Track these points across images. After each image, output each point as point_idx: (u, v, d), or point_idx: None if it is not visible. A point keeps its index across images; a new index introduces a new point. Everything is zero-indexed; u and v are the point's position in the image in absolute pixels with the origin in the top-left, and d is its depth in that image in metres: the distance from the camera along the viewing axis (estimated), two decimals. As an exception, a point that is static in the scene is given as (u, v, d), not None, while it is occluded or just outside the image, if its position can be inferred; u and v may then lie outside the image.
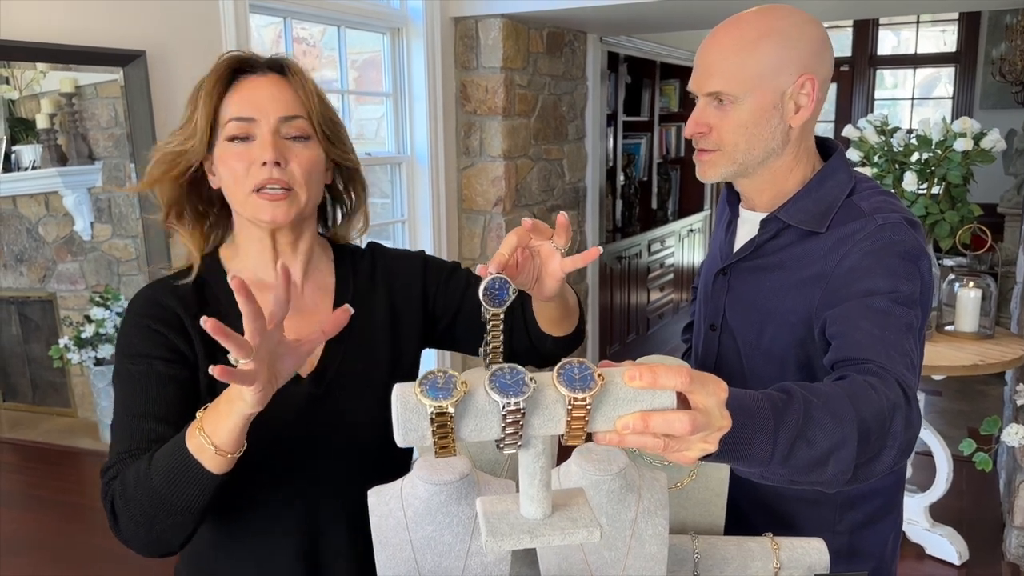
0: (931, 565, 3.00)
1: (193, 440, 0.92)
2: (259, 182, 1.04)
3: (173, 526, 0.96)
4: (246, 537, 1.11)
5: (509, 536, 0.76)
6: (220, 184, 1.09)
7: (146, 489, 0.95)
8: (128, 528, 0.98)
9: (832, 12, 4.72)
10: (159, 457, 0.95)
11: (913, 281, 1.09)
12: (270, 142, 1.04)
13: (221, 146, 1.06)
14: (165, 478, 0.93)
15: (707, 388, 0.72)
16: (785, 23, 1.17)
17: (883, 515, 1.29)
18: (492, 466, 1.12)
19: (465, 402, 0.71)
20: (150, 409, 1.02)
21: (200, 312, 1.07)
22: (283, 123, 1.06)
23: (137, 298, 1.11)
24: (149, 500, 0.94)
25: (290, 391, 1.05)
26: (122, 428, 1.03)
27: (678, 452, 0.74)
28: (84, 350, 2.19)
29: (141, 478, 0.95)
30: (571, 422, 0.71)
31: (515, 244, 0.89)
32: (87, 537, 2.26)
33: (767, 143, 1.20)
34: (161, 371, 1.04)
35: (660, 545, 0.96)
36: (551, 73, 4.03)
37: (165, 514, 0.95)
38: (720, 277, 1.33)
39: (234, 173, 1.05)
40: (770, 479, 0.85)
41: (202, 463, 0.91)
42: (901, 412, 0.91)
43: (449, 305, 1.22)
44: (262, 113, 1.05)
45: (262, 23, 2.93)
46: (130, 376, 1.05)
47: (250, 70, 1.08)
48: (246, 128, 1.05)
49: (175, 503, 0.94)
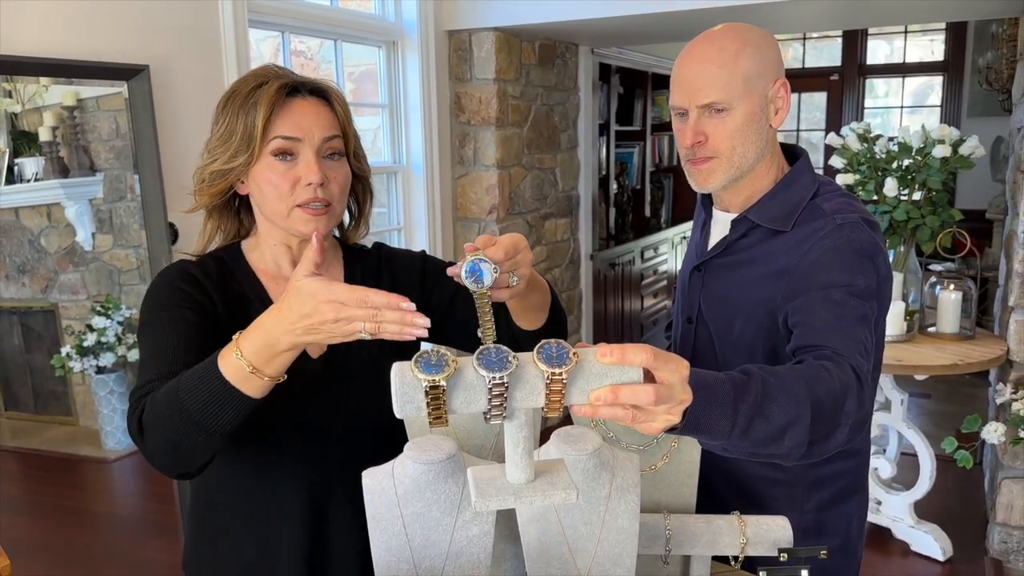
0: (916, 561, 3.06)
1: (229, 363, 0.94)
2: (304, 200, 1.12)
3: (199, 445, 0.99)
4: (254, 513, 1.18)
5: (496, 497, 0.85)
6: (254, 195, 1.17)
7: (177, 410, 0.97)
8: (154, 445, 1.02)
9: (821, 22, 4.81)
10: (188, 380, 0.98)
11: (869, 275, 1.18)
12: (315, 163, 1.12)
13: (264, 161, 1.13)
14: (198, 402, 0.96)
15: (670, 365, 0.81)
16: (754, 35, 1.28)
17: (849, 495, 1.37)
18: (478, 451, 1.19)
19: (456, 377, 0.80)
20: (178, 341, 1.09)
21: (224, 287, 1.17)
22: (324, 143, 1.14)
23: (164, 269, 1.20)
24: (179, 419, 0.97)
25: (302, 370, 1.13)
26: (152, 359, 1.09)
27: (645, 423, 0.82)
28: (86, 359, 2.22)
29: (172, 399, 0.98)
30: (549, 395, 0.81)
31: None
32: (90, 542, 2.31)
33: (757, 145, 1.29)
34: (189, 318, 1.12)
35: (632, 520, 1.03)
36: (543, 84, 4.12)
37: (196, 433, 0.97)
38: (695, 274, 1.42)
39: (278, 190, 1.13)
40: (732, 452, 0.93)
41: (240, 388, 0.95)
42: (854, 393, 0.99)
43: (442, 301, 1.29)
44: (307, 134, 1.13)
45: (261, 37, 3.01)
46: (160, 321, 1.12)
47: (294, 93, 1.15)
48: (291, 146, 1.12)
49: (206, 424, 0.96)
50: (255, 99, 1.11)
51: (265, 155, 1.12)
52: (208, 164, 1.15)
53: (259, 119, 1.10)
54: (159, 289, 1.16)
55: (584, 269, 4.72)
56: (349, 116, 1.19)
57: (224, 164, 1.13)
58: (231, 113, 1.13)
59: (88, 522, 2.34)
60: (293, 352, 0.95)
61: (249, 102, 1.12)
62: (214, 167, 1.14)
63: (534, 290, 1.15)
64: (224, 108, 1.14)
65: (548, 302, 1.21)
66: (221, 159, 1.13)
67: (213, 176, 1.15)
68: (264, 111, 1.10)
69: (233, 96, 1.14)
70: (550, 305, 1.21)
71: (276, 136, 1.12)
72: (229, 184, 1.16)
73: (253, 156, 1.12)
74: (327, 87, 1.18)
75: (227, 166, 1.13)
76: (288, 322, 0.91)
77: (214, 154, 1.15)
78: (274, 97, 1.11)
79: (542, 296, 1.18)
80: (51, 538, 2.23)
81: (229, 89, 1.16)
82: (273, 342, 0.93)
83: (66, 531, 2.26)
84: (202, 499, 1.24)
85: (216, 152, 1.14)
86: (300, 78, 1.16)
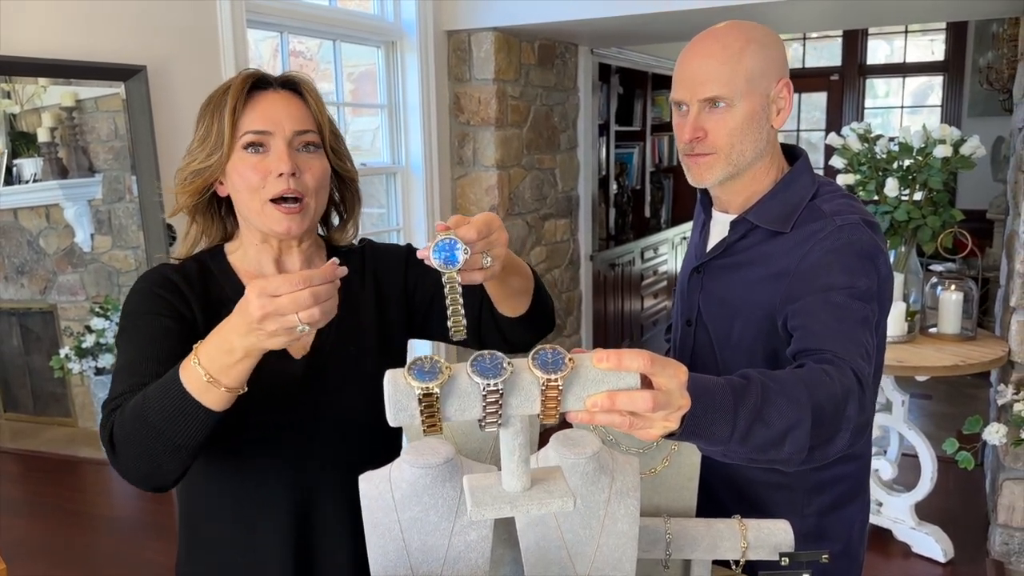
0: (917, 563, 3.05)
1: (189, 373, 0.93)
2: (276, 193, 1.11)
3: (168, 459, 0.98)
4: (241, 512, 1.17)
5: (492, 506, 0.83)
6: (231, 193, 1.16)
7: (143, 423, 0.96)
8: (126, 460, 1.00)
9: (822, 22, 4.80)
10: (152, 391, 0.96)
11: (870, 277, 1.17)
12: (286, 154, 1.11)
13: (236, 156, 1.12)
14: (161, 414, 0.95)
15: (667, 371, 0.79)
16: (758, 33, 1.27)
17: (850, 500, 1.35)
18: (476, 454, 1.18)
19: (450, 384, 0.78)
20: (153, 351, 1.08)
21: (204, 291, 1.16)
22: (296, 136, 1.13)
23: (144, 274, 1.20)
24: (146, 433, 0.96)
25: (284, 370, 1.13)
26: (125, 369, 1.08)
27: (642, 429, 0.81)
28: (85, 360, 2.21)
29: (138, 412, 0.97)
30: (545, 401, 0.79)
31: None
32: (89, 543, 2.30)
33: (756, 144, 1.28)
34: (167, 324, 1.11)
35: (631, 524, 1.02)
36: (543, 84, 4.11)
37: (163, 447, 0.96)
38: (695, 275, 1.40)
39: (249, 183, 1.12)
40: (731, 457, 0.91)
41: (200, 400, 0.93)
42: (855, 397, 0.98)
43: (426, 295, 1.28)
44: (277, 127, 1.12)
45: (259, 37, 3.00)
46: (136, 328, 1.11)
47: (264, 87, 1.15)
48: (261, 139, 1.12)
49: (173, 438, 0.95)
50: (227, 96, 1.12)
51: (237, 149, 1.12)
52: (187, 165, 1.16)
53: (227, 112, 1.11)
54: (137, 296, 1.16)
55: (584, 270, 4.71)
56: (323, 108, 1.18)
57: (201, 163, 1.14)
58: (208, 115, 1.14)
59: (87, 523, 2.34)
60: (250, 360, 0.92)
61: (222, 101, 1.12)
62: (192, 167, 1.15)
63: (514, 273, 1.11)
64: (203, 112, 1.15)
65: (531, 287, 1.17)
66: (199, 159, 1.14)
67: (192, 175, 1.15)
68: (231, 103, 1.11)
69: (210, 99, 1.15)
70: (533, 290, 1.18)
71: (247, 131, 1.12)
72: (206, 182, 1.15)
73: (225, 152, 1.12)
74: (298, 79, 1.17)
75: (203, 165, 1.13)
76: (237, 324, 0.89)
77: (193, 155, 1.15)
78: (239, 89, 1.12)
79: (524, 280, 1.15)
80: (50, 539, 2.22)
81: (210, 94, 1.17)
82: (228, 348, 0.91)
83: (65, 532, 2.26)
84: (189, 503, 1.23)
85: (195, 153, 1.15)
86: (268, 74, 1.17)
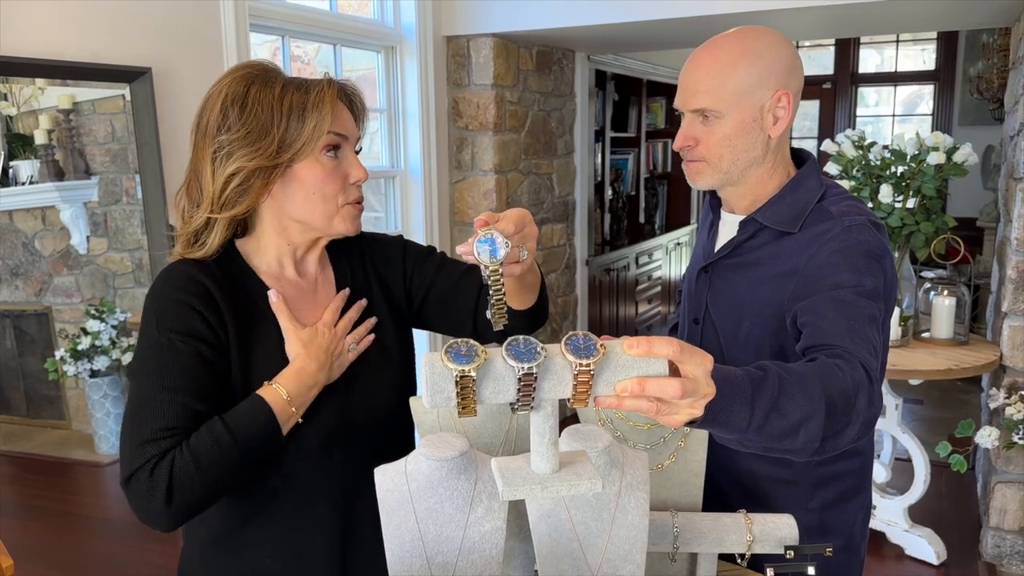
0: (910, 565, 3.08)
1: (279, 403, 1.09)
2: (355, 198, 1.18)
3: (225, 491, 1.09)
4: (281, 512, 1.18)
5: (522, 487, 0.85)
6: (287, 194, 1.14)
7: (230, 459, 1.05)
8: (187, 498, 1.04)
9: (814, 31, 4.85)
10: (236, 418, 1.08)
11: (876, 277, 1.19)
12: (359, 162, 1.18)
13: (312, 157, 1.12)
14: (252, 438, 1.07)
15: (695, 359, 0.81)
16: (759, 44, 1.29)
17: (852, 495, 1.38)
18: (488, 449, 1.20)
19: (485, 367, 0.80)
20: (191, 386, 1.07)
21: (231, 290, 1.15)
22: (356, 143, 1.20)
23: (174, 272, 1.13)
24: (231, 467, 1.06)
25: None
26: (158, 402, 1.05)
27: (668, 416, 0.83)
28: (80, 362, 2.21)
29: (225, 448, 1.05)
30: (577, 386, 0.81)
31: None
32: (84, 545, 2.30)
33: (749, 153, 1.31)
34: (206, 355, 1.09)
35: (641, 516, 1.04)
36: (540, 90, 4.14)
37: (237, 478, 1.08)
38: (703, 275, 1.43)
39: (323, 189, 1.13)
40: (747, 446, 0.94)
41: (281, 424, 1.10)
42: (865, 390, 1.01)
43: (423, 284, 1.30)
44: (351, 133, 1.17)
45: (260, 41, 3.02)
46: (175, 351, 1.07)
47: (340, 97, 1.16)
48: (339, 141, 1.15)
49: (250, 467, 1.09)
50: (310, 98, 1.10)
51: (317, 151, 1.12)
52: (232, 162, 1.09)
53: (326, 113, 1.10)
54: (168, 305, 1.10)
55: (579, 274, 4.73)
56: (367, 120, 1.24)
57: (267, 161, 1.09)
58: (257, 111, 1.09)
59: (82, 526, 2.34)
60: (319, 389, 1.14)
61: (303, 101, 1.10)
62: (250, 164, 1.09)
63: (531, 269, 1.17)
64: (244, 107, 1.09)
65: (539, 283, 1.23)
66: (259, 158, 1.09)
67: (248, 175, 1.10)
68: (329, 106, 1.10)
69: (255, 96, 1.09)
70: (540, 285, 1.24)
71: (330, 131, 1.12)
72: (267, 185, 1.12)
73: (298, 152, 1.10)
74: (358, 92, 1.21)
75: (270, 163, 1.09)
76: (314, 360, 1.13)
77: (243, 152, 1.09)
78: (333, 94, 1.12)
79: (535, 276, 1.21)
80: (45, 542, 2.22)
81: (232, 89, 1.10)
82: (312, 383, 1.13)
83: (60, 535, 2.26)
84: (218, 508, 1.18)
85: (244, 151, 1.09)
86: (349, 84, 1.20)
